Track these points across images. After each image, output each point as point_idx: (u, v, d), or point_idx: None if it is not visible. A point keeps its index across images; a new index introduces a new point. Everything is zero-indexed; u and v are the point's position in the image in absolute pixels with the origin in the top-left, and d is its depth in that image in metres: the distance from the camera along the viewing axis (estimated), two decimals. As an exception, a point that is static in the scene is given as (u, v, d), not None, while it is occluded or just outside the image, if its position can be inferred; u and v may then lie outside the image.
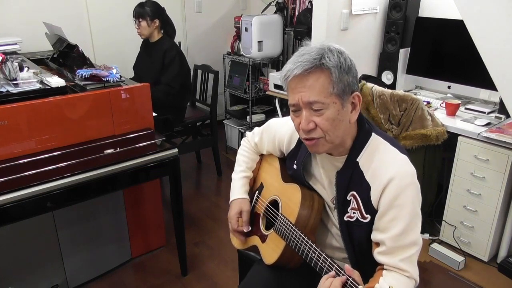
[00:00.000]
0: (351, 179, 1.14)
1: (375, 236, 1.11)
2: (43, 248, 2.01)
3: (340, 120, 1.06)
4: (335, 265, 1.05)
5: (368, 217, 1.12)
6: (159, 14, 2.84)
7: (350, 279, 0.97)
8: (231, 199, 1.42)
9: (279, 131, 1.35)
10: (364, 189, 1.11)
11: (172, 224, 2.17)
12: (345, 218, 1.16)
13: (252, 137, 1.48)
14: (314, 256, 1.11)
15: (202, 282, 2.22)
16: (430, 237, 2.48)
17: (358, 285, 0.95)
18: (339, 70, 1.03)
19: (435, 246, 2.36)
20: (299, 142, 1.27)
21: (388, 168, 1.08)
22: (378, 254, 1.10)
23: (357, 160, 1.13)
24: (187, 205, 2.92)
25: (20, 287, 1.97)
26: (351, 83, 1.06)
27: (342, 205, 1.16)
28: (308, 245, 1.13)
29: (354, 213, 1.14)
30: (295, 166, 1.28)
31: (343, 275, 1.01)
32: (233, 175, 1.47)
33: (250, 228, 1.36)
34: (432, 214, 2.56)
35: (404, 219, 1.06)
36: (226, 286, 2.20)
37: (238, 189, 1.42)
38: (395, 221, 1.07)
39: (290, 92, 1.08)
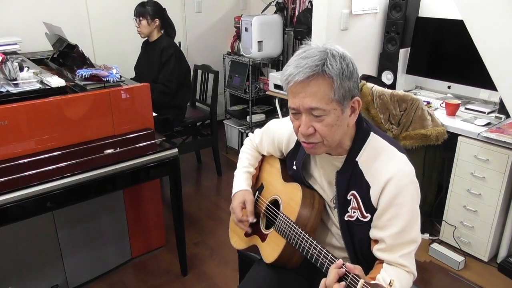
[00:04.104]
0: (351, 179, 1.14)
1: (374, 233, 1.11)
2: (43, 248, 2.01)
3: (338, 125, 1.06)
4: (336, 261, 1.04)
5: (368, 216, 1.12)
6: (160, 14, 2.85)
7: (351, 275, 0.96)
8: (233, 193, 1.41)
9: (278, 132, 1.36)
10: (363, 188, 1.12)
11: (172, 224, 2.16)
12: (346, 218, 1.16)
13: (254, 138, 1.49)
14: (315, 253, 1.11)
15: (202, 282, 2.22)
16: (430, 237, 2.47)
17: (360, 278, 0.94)
18: (341, 77, 1.02)
19: (435, 246, 2.36)
20: (298, 142, 1.28)
21: (387, 167, 1.09)
22: (377, 251, 1.11)
23: (356, 159, 1.13)
24: (187, 205, 2.92)
25: (20, 287, 1.97)
26: (352, 88, 1.05)
27: (342, 204, 1.16)
28: (309, 241, 1.13)
29: (354, 212, 1.14)
30: (294, 167, 1.29)
31: (346, 272, 1.00)
32: (235, 172, 1.47)
33: (255, 219, 1.35)
34: (432, 214, 2.56)
35: (403, 217, 1.07)
36: (226, 286, 2.20)
37: (240, 182, 1.42)
38: (395, 219, 1.07)
39: (290, 96, 1.07)
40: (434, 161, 2.35)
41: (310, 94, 1.02)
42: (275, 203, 1.33)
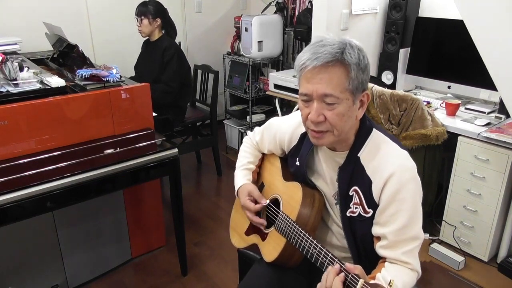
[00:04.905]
0: (353, 174, 1.14)
1: (376, 230, 1.11)
2: (43, 248, 2.01)
3: (349, 116, 1.07)
4: (336, 260, 1.05)
5: (370, 211, 1.12)
6: (162, 14, 2.86)
7: (350, 275, 0.96)
8: (236, 190, 1.41)
9: (280, 129, 1.35)
10: (365, 183, 1.12)
11: (172, 224, 2.16)
12: (348, 214, 1.16)
13: (254, 136, 1.48)
14: (315, 252, 1.11)
15: (202, 282, 2.22)
16: (430, 237, 2.48)
17: (359, 279, 0.94)
18: (358, 67, 1.03)
19: (435, 246, 2.36)
20: (301, 139, 1.28)
21: (389, 163, 1.09)
22: (380, 248, 1.10)
23: (358, 155, 1.14)
24: (187, 205, 2.92)
25: (20, 287, 1.97)
26: (364, 81, 1.06)
27: (344, 200, 1.16)
28: (309, 241, 1.13)
29: (356, 208, 1.14)
30: (297, 163, 1.28)
31: (346, 272, 1.00)
32: (235, 172, 1.47)
33: (267, 201, 1.33)
34: (432, 214, 2.56)
35: (405, 213, 1.07)
36: (226, 286, 2.20)
37: (241, 178, 1.42)
38: (397, 215, 1.07)
39: (304, 81, 1.06)
40: (434, 161, 2.35)
41: (326, 80, 1.02)
42: (276, 202, 1.33)
